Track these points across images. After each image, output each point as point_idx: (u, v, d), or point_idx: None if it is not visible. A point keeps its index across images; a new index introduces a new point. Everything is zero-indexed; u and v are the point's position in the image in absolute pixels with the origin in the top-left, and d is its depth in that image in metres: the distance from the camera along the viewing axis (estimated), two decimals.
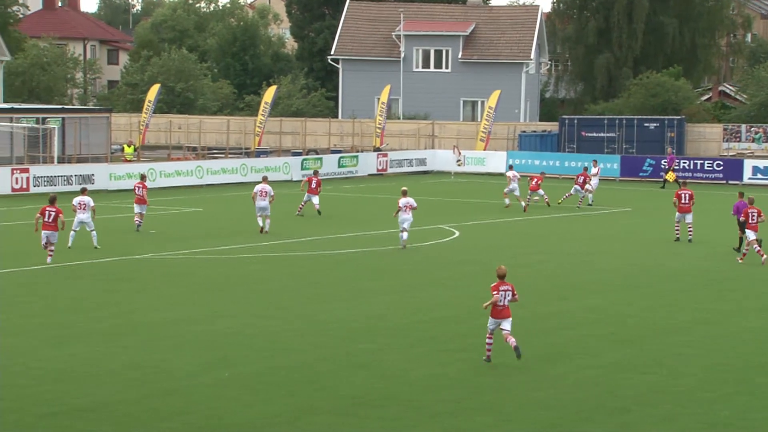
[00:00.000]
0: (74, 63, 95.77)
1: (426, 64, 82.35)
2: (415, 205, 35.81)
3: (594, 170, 52.80)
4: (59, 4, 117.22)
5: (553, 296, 28.30)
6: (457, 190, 58.22)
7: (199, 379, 19.66)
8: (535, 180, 48.70)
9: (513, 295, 21.05)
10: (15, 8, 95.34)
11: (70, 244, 34.39)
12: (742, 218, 34.65)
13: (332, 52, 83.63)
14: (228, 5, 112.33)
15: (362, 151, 69.55)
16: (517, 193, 48.26)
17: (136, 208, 39.46)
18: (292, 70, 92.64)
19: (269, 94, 70.19)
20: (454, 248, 37.12)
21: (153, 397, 18.53)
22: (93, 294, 27.55)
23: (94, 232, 34.68)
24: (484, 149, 69.89)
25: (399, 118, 79.50)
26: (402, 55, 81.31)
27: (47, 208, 32.86)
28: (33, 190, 50.76)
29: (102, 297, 27.18)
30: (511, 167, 52.22)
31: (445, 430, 17.19)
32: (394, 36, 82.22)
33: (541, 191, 48.84)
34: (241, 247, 35.81)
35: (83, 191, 35.43)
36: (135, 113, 78.69)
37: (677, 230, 38.71)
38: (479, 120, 75.49)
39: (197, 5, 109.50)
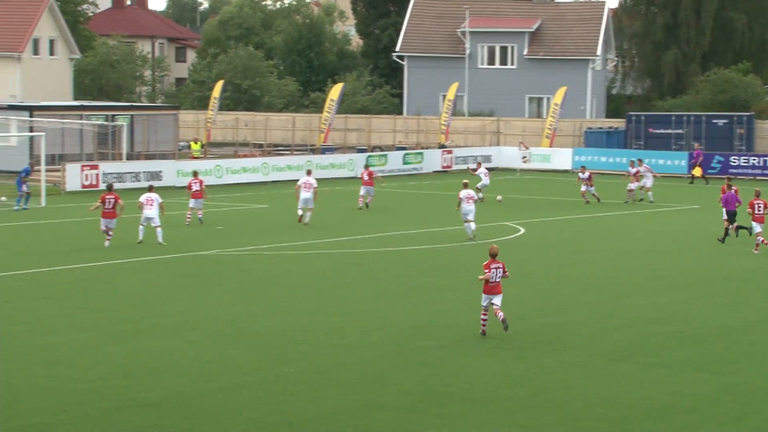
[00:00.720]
0: (143, 61, 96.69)
1: (491, 61, 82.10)
2: (476, 197, 36.92)
3: (636, 169, 51.36)
4: (128, 3, 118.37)
5: (617, 294, 28.11)
6: (523, 187, 57.99)
7: (263, 375, 19.79)
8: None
9: (504, 272, 22.77)
10: (85, 7, 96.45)
11: (140, 239, 34.95)
12: (748, 210, 35.20)
13: (397, 49, 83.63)
14: (294, 3, 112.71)
15: (427, 148, 69.50)
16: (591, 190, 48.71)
17: (192, 203, 40.06)
18: (357, 67, 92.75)
19: (335, 91, 70.38)
20: (518, 245, 36.97)
21: (218, 392, 18.68)
22: (159, 289, 27.82)
23: (159, 229, 35.13)
24: (550, 146, 69.53)
25: (464, 115, 79.32)
26: (467, 51, 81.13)
27: (106, 196, 34.57)
28: (102, 186, 51.19)
29: (168, 292, 27.44)
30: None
31: (508, 427, 17.15)
32: (459, 33, 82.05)
33: (592, 188, 48.91)
34: (306, 244, 35.96)
35: (150, 188, 36.22)
36: (202, 110, 79.30)
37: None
38: (545, 117, 75.09)
39: (264, 3, 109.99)
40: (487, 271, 22.53)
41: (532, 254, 34.81)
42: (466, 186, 37.32)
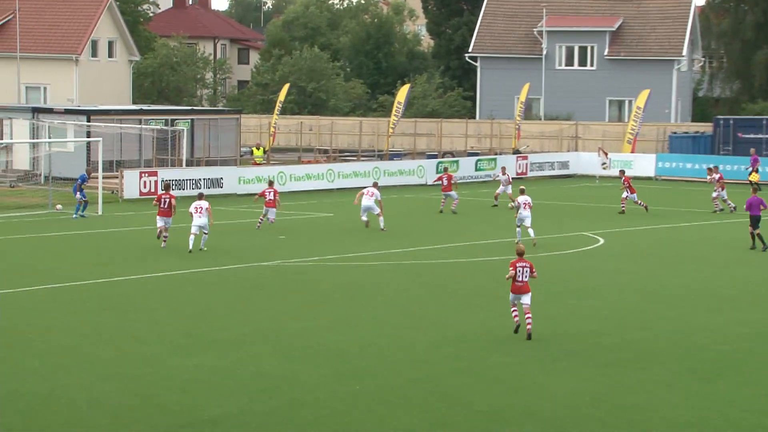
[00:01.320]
0: (204, 63, 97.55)
1: (570, 62, 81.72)
2: (531, 203, 38.22)
3: (719, 175, 50.73)
4: (189, 3, 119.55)
5: (705, 308, 27.81)
6: (602, 195, 57.60)
7: (329, 391, 19.82)
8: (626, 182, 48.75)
9: (531, 271, 23.96)
10: (145, 7, 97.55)
11: (190, 248, 35.43)
12: None
13: (470, 50, 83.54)
14: (362, 1, 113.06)
15: (501, 154, 69.30)
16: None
17: (267, 211, 41.40)
18: (428, 68, 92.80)
19: (402, 93, 70.45)
20: (597, 256, 36.74)
21: (283, 409, 18.74)
22: (220, 301, 28.00)
23: (205, 236, 35.87)
24: (632, 152, 69.02)
25: (540, 119, 79.03)
26: (544, 52, 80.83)
27: (162, 195, 36.94)
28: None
29: (230, 304, 27.61)
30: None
31: None
32: (535, 32, 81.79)
33: (634, 195, 48.41)
34: (374, 254, 36.01)
35: (200, 196, 37.04)
36: (265, 114, 79.79)
37: None
38: (626, 121, 74.58)
39: (330, 2, 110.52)
40: (512, 269, 23.78)
41: (613, 265, 34.56)
42: (523, 192, 38.88)
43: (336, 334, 24.29)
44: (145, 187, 51.59)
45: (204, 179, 53.56)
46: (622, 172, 50.98)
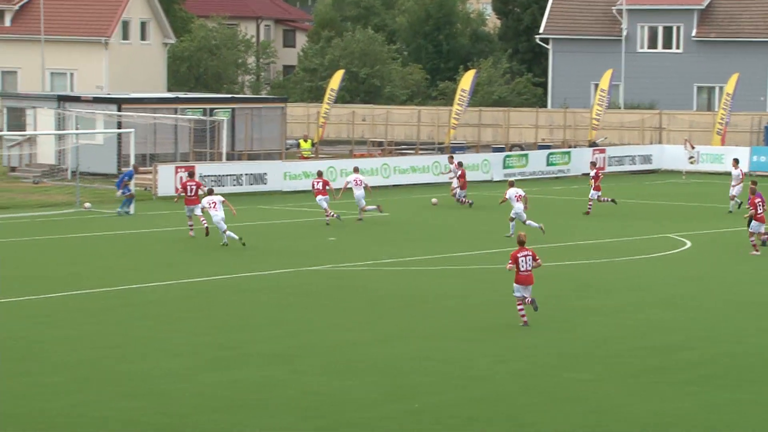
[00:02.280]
0: (246, 46, 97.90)
1: (653, 44, 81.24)
2: (524, 194, 39.86)
3: (735, 172, 49.70)
4: None
5: None
6: (689, 192, 57.24)
7: (382, 411, 19.85)
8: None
9: (534, 259, 25.84)
10: None
11: (225, 240, 36.95)
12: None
13: (541, 31, 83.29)
14: None
15: (575, 147, 69.05)
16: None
17: (322, 203, 42.89)
18: (494, 51, 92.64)
19: (467, 80, 70.37)
20: (684, 261, 36.52)
21: (329, 430, 18.79)
22: (263, 310, 28.12)
23: (228, 232, 37.05)
24: (722, 144, 68.51)
25: (619, 108, 78.62)
26: (624, 33, 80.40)
27: (188, 182, 39.51)
28: (198, 191, 51.86)
29: (273, 314, 27.72)
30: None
31: None
32: (614, 11, 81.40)
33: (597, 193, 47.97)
34: (434, 258, 36.01)
35: (211, 192, 38.70)
36: (313, 103, 80.00)
37: None
38: (716, 109, 74.03)
39: None
40: (511, 261, 25.83)
41: (700, 271, 34.34)
42: (512, 185, 40.33)
43: (391, 348, 24.32)
44: (181, 182, 51.76)
45: (246, 175, 53.75)
46: (593, 164, 50.41)
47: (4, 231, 40.81)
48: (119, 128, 56.42)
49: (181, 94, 68.25)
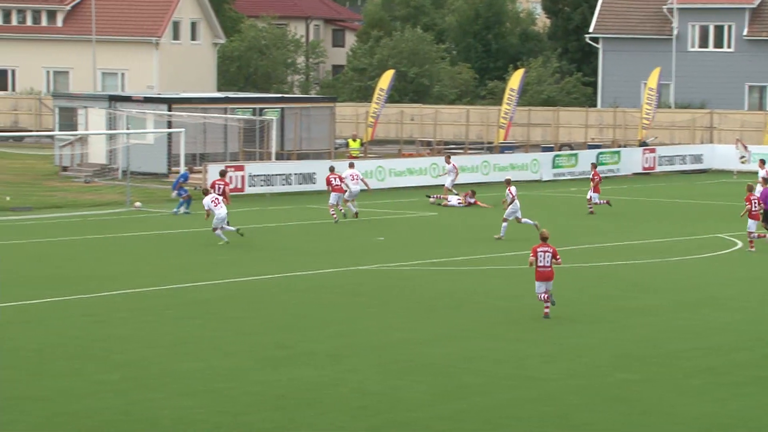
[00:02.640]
0: (296, 45, 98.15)
1: (704, 43, 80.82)
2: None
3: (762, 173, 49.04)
4: None
5: None
6: (740, 193, 56.80)
7: (434, 410, 19.91)
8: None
9: (554, 257, 26.63)
10: None
11: (226, 240, 37.81)
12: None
13: (591, 30, 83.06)
14: None
15: (625, 146, 68.83)
16: None
17: (333, 199, 43.74)
18: (543, 51, 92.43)
19: (515, 79, 70.29)
20: (735, 261, 36.35)
21: (383, 430, 18.87)
22: (314, 309, 28.24)
23: (228, 227, 38.17)
24: None
25: (670, 107, 78.29)
26: (675, 32, 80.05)
27: (217, 182, 40.56)
28: (248, 190, 52.23)
29: (324, 313, 27.84)
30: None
31: None
32: (665, 10, 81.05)
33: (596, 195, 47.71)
34: (483, 258, 36.03)
35: (206, 192, 39.30)
36: (362, 102, 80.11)
37: None
38: (767, 109, 73.54)
39: None
40: (532, 255, 26.67)
41: (752, 272, 34.19)
42: (509, 183, 41.29)
43: (441, 347, 24.37)
44: (230, 182, 52.02)
45: (294, 174, 53.93)
46: (594, 165, 50.30)
47: (56, 230, 41.18)
48: (169, 128, 56.73)
49: (231, 94, 68.54)
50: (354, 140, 64.60)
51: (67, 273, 32.73)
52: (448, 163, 52.80)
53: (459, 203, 50.13)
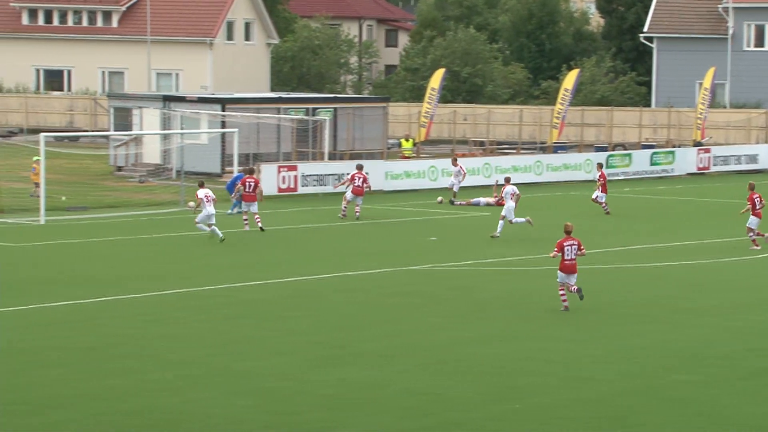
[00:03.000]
0: (349, 46, 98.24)
1: (759, 42, 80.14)
2: (518, 193, 40.71)
3: None
4: None
5: None
6: None
7: (485, 411, 19.83)
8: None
9: (579, 249, 27.16)
10: None
11: (221, 236, 38.03)
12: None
13: (645, 30, 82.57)
14: None
15: (679, 146, 68.37)
16: None
17: (350, 197, 44.08)
18: (597, 50, 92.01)
19: (570, 79, 69.99)
20: None
21: (433, 430, 18.81)
22: (365, 309, 28.22)
23: (215, 227, 38.34)
24: None
25: (725, 107, 77.69)
26: (730, 31, 79.43)
27: (247, 179, 41.08)
28: (301, 190, 52.30)
29: (375, 313, 27.81)
30: None
31: None
32: (720, 9, 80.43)
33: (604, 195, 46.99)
34: (535, 258, 35.87)
35: (202, 185, 39.50)
36: (415, 102, 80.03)
37: None
38: None
39: None
40: (556, 249, 27.21)
41: None
42: (508, 181, 41.34)
43: (493, 348, 24.28)
44: (284, 182, 52.18)
45: (347, 174, 53.80)
46: (600, 165, 49.78)
47: (111, 229, 41.39)
48: (223, 128, 56.89)
49: (284, 94, 68.67)
50: (406, 140, 64.51)
51: (121, 272, 32.88)
52: (455, 165, 52.00)
53: (488, 203, 49.11)
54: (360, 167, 45.41)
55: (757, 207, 37.93)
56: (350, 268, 33.76)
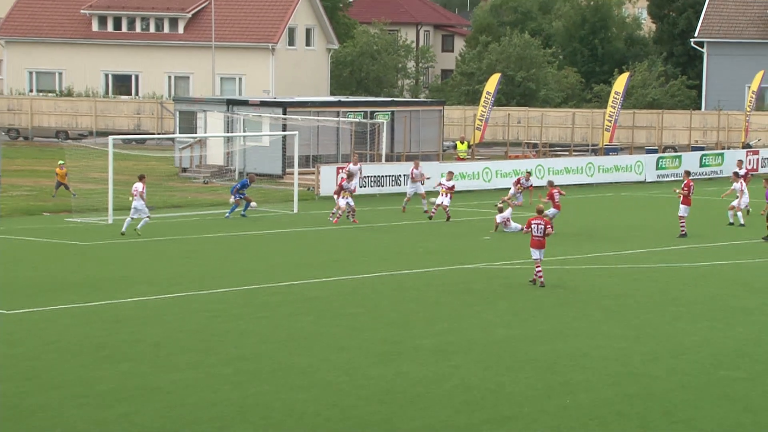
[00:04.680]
0: (406, 51, 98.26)
1: None
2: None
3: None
4: None
5: None
6: None
7: (538, 405, 19.77)
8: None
9: (546, 227, 29.84)
10: None
11: (123, 230, 38.96)
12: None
13: (696, 35, 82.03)
14: None
15: (729, 148, 67.83)
16: None
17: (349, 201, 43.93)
18: (649, 55, 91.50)
19: (620, 82, 69.64)
20: None
21: (487, 424, 18.78)
22: (422, 306, 28.20)
23: (146, 219, 39.28)
24: None
25: None
26: None
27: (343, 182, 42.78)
28: (359, 191, 52.27)
29: (432, 310, 27.79)
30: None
31: None
32: None
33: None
34: (588, 257, 35.73)
35: (141, 178, 40.07)
36: (470, 106, 79.95)
37: None
38: None
39: None
40: (526, 227, 30.47)
41: None
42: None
43: (546, 344, 24.20)
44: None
45: (404, 175, 53.86)
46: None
47: (176, 229, 41.62)
48: (284, 131, 57.06)
49: (343, 98, 68.78)
50: (462, 142, 64.46)
51: (186, 270, 33.05)
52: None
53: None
54: (417, 162, 46.20)
55: None
56: (408, 266, 33.75)
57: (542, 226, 30.06)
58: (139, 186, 39.62)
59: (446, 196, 44.78)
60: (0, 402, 19.48)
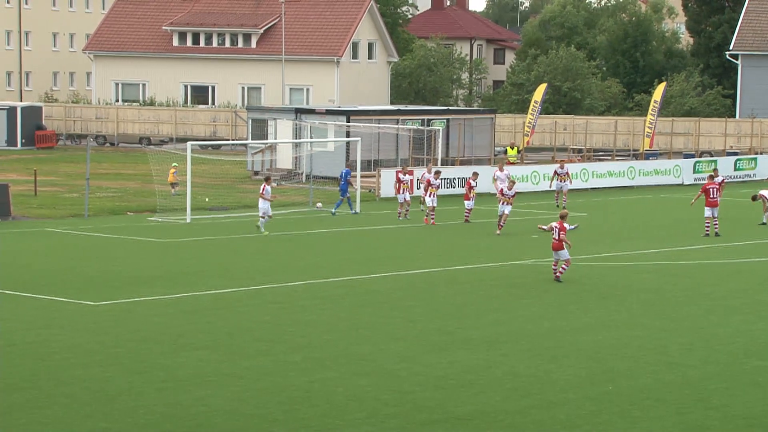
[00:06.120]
0: (461, 63, 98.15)
1: None
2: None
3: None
4: (447, 4, 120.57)
5: None
6: None
7: (582, 392, 19.69)
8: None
9: (561, 231, 29.79)
10: (404, 9, 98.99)
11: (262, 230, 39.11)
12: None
13: (731, 48, 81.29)
14: (620, 0, 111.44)
15: (761, 153, 67.20)
16: None
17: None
18: (686, 67, 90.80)
19: (658, 91, 69.25)
20: None
21: (534, 409, 18.73)
22: (474, 299, 28.17)
23: (265, 218, 39.38)
24: None
25: None
26: None
27: (428, 182, 42.96)
28: (416, 192, 52.22)
29: (483, 303, 27.75)
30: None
31: None
32: None
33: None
34: (628, 254, 35.52)
35: (267, 180, 40.47)
36: (519, 114, 79.71)
37: None
38: None
39: (587, 1, 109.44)
40: (547, 227, 30.46)
41: None
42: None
43: (589, 335, 24.10)
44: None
45: (458, 178, 53.95)
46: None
47: (248, 227, 41.81)
48: (348, 137, 57.21)
49: (402, 107, 68.83)
50: (512, 148, 64.31)
51: (258, 265, 33.21)
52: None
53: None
54: (476, 174, 45.15)
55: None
56: (461, 262, 33.71)
57: (557, 230, 30.11)
58: (268, 188, 39.68)
59: (430, 195, 42.72)
60: (87, 386, 19.68)
